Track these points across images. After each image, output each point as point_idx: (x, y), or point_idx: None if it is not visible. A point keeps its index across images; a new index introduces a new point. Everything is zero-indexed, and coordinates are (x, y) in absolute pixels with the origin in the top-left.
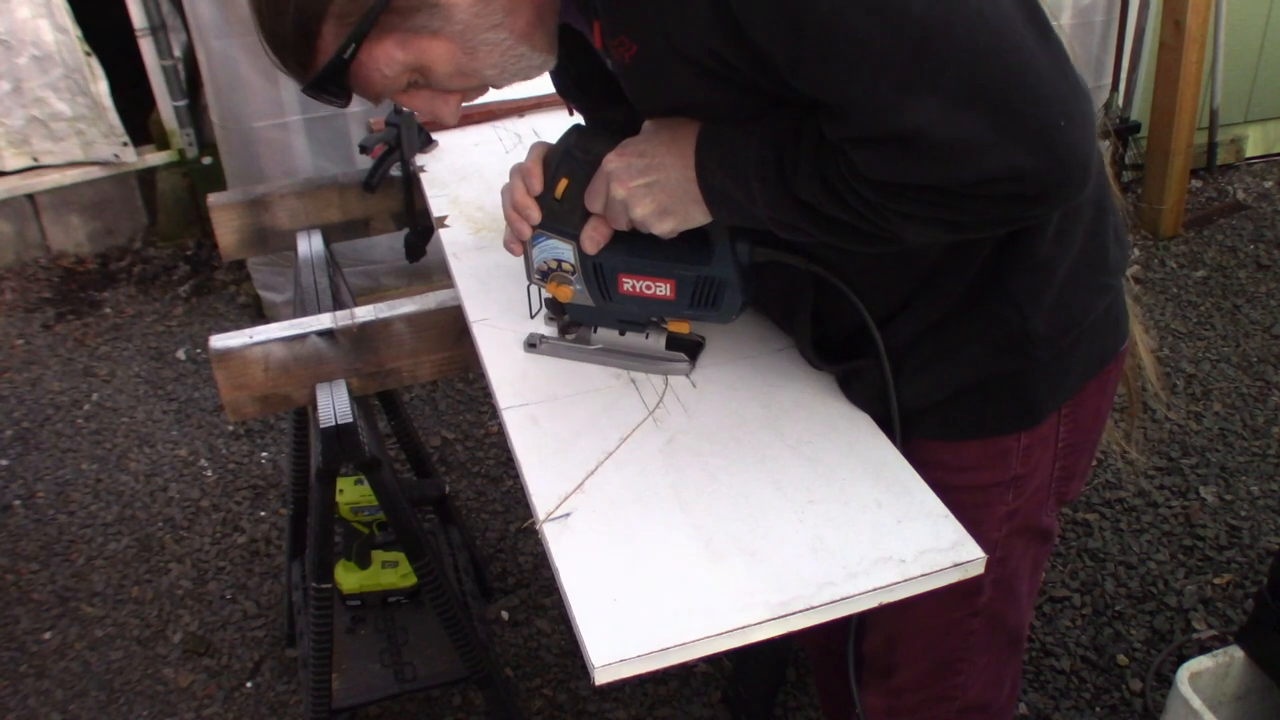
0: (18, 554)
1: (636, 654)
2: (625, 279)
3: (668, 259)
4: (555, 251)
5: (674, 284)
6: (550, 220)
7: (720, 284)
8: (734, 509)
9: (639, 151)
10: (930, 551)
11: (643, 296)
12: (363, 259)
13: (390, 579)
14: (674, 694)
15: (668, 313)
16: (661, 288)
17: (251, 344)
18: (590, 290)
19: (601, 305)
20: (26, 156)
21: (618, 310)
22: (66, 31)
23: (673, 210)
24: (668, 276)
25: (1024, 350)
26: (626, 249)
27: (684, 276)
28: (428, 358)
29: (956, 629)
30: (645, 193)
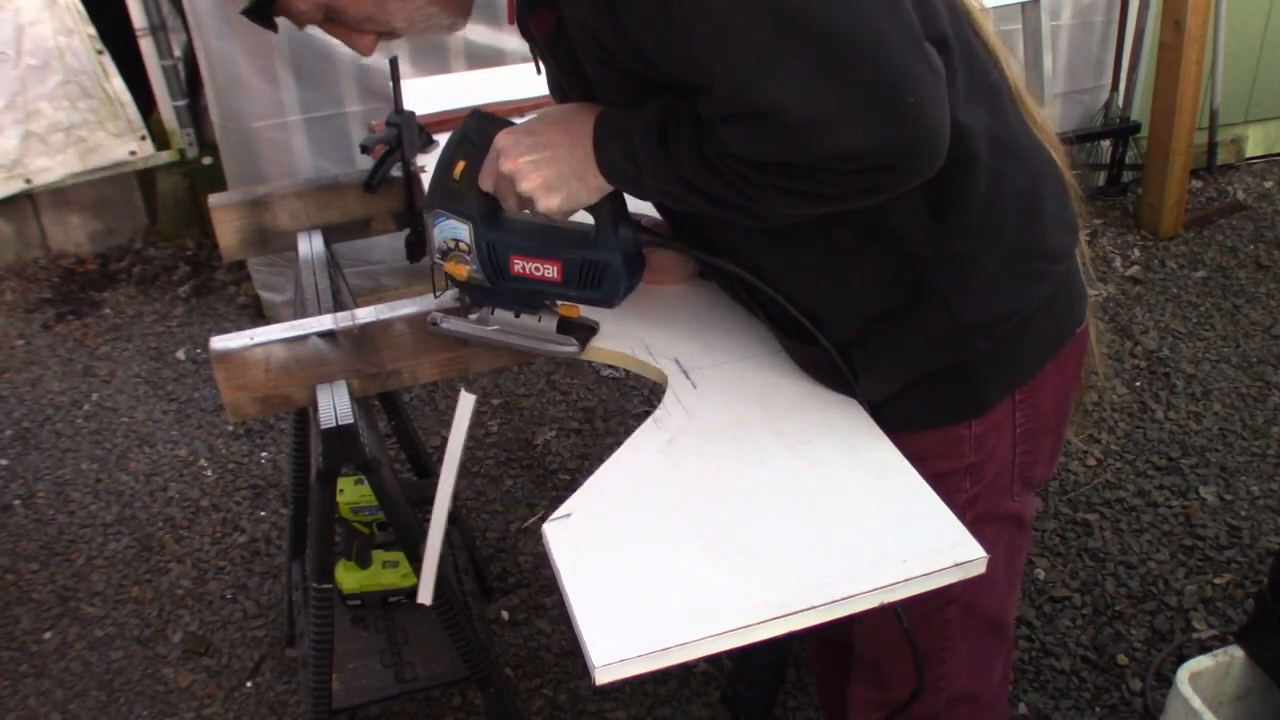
0: (18, 554)
1: (637, 654)
2: (516, 260)
3: (555, 242)
4: (453, 231)
5: (560, 266)
6: (448, 200)
7: (603, 267)
8: (734, 509)
9: (529, 130)
10: (930, 551)
11: (532, 278)
12: (363, 259)
13: (391, 579)
14: (674, 694)
15: (555, 294)
16: (549, 269)
17: (252, 345)
18: (484, 270)
19: (495, 285)
20: (19, 179)
21: (510, 291)
22: (74, 32)
23: (557, 186)
24: (554, 258)
25: (960, 341)
26: (518, 231)
27: (569, 259)
28: (429, 359)
29: (933, 618)
30: (532, 168)
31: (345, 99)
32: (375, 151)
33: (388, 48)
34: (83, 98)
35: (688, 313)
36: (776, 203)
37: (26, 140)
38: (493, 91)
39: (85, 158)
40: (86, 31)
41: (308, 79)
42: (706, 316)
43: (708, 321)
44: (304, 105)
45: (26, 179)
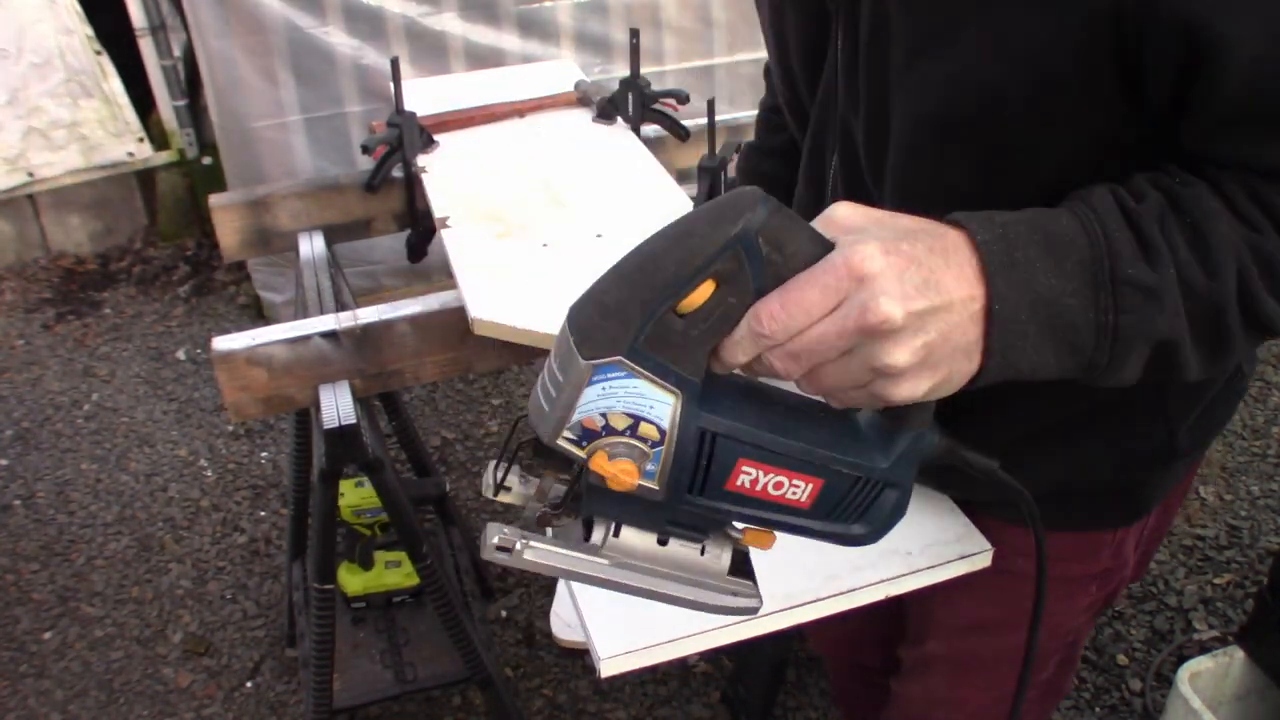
0: (18, 554)
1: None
2: (745, 468)
3: (826, 443)
4: (635, 402)
5: (821, 485)
6: (654, 347)
7: (885, 490)
8: None
9: (909, 255)
10: (936, 544)
11: (757, 497)
12: (363, 259)
13: (394, 579)
14: (674, 694)
15: (778, 526)
16: (798, 488)
17: (254, 345)
18: (673, 476)
19: (667, 503)
20: (22, 173)
21: (686, 513)
22: (73, 32)
23: (938, 363)
24: (817, 473)
25: (1161, 463)
26: (758, 417)
27: (838, 476)
28: (430, 359)
29: (1013, 697)
30: (918, 326)
31: (345, 99)
32: (376, 152)
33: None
34: (84, 96)
35: None
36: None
37: (28, 136)
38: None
39: (87, 154)
40: (85, 32)
41: (308, 79)
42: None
43: None
44: (304, 105)
45: (29, 173)
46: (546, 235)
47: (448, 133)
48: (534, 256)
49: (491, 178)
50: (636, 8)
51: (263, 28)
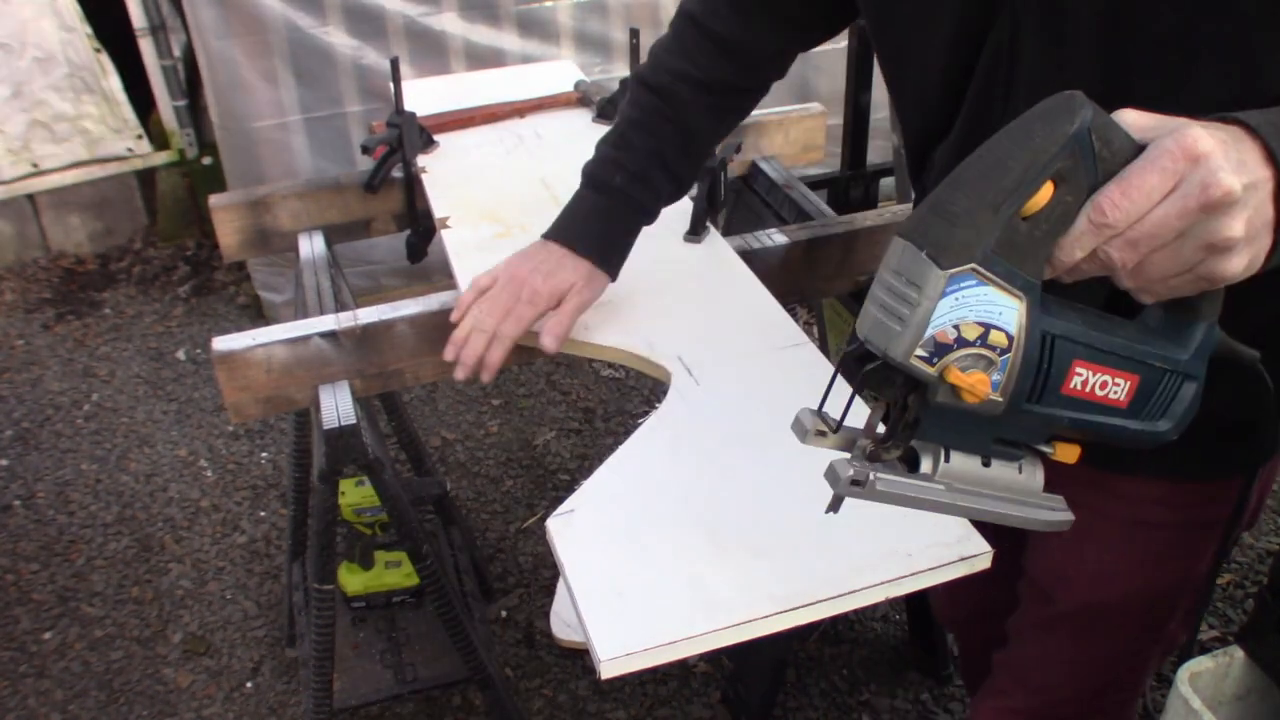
0: (18, 554)
1: (643, 647)
2: (1080, 368)
3: (1137, 339)
4: (986, 309)
5: (1137, 381)
6: (1003, 251)
7: (1184, 383)
8: (738, 504)
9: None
10: (936, 545)
11: (1087, 399)
12: (363, 259)
13: (394, 579)
14: (674, 694)
15: (1098, 426)
16: (1119, 387)
17: (254, 345)
18: (1019, 383)
19: (1006, 415)
20: (26, 163)
21: (1017, 425)
22: (74, 30)
23: (1255, 236)
24: (1135, 369)
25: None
26: (1084, 318)
27: (1151, 370)
28: (430, 359)
29: (1135, 655)
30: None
31: (345, 99)
32: (376, 152)
33: (388, 47)
34: (85, 91)
35: (690, 310)
36: None
37: (32, 128)
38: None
39: (90, 147)
40: (85, 30)
41: (308, 79)
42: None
43: (710, 318)
44: (304, 105)
45: (33, 164)
46: None
47: (448, 133)
48: None
49: (491, 178)
50: (636, 8)
51: (263, 28)
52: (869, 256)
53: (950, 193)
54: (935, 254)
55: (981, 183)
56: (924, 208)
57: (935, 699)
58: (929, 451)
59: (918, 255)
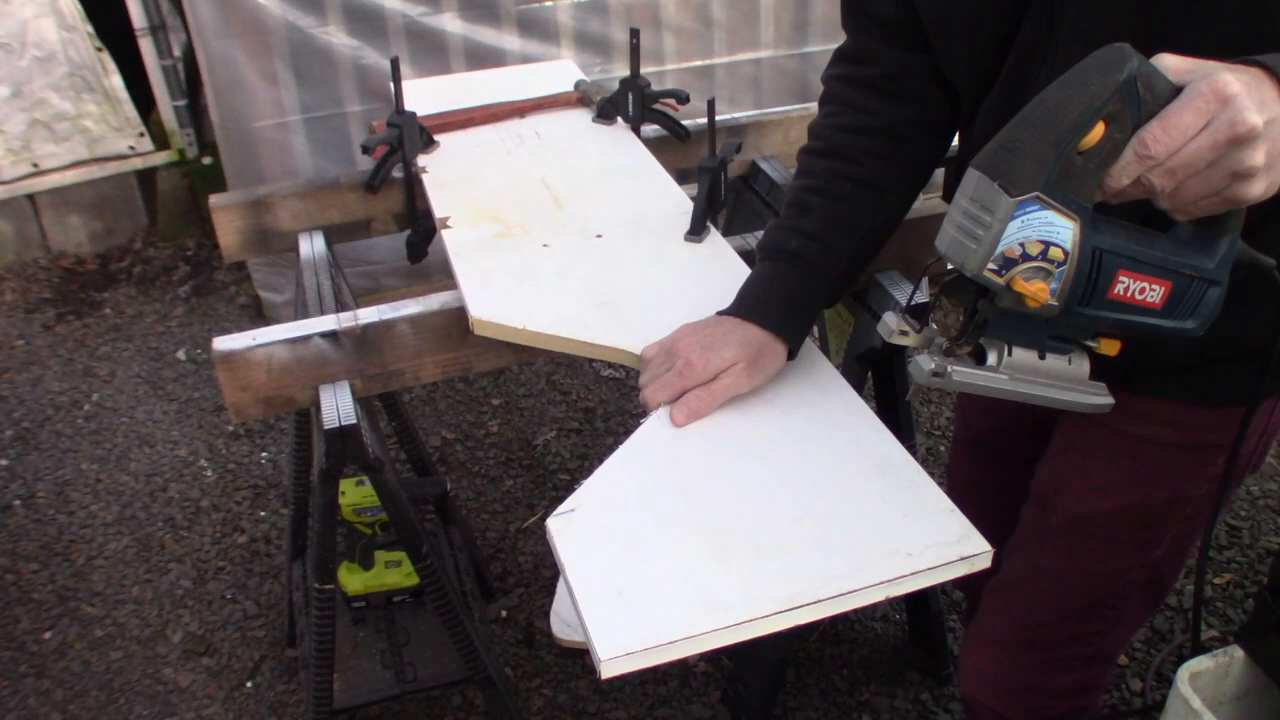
0: (18, 554)
1: (643, 647)
2: (1123, 277)
3: (1171, 251)
4: (1047, 229)
5: (1169, 287)
6: (1061, 181)
7: (1210, 287)
8: (739, 504)
9: (1248, 81)
10: (937, 545)
11: (1128, 302)
12: (363, 259)
13: (394, 579)
14: (674, 694)
15: (1136, 325)
16: (1155, 291)
17: (255, 346)
18: (1072, 290)
19: (1060, 317)
20: (26, 163)
21: (1070, 325)
22: (75, 29)
23: (1274, 164)
24: (1168, 276)
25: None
26: (1126, 235)
27: (1182, 276)
28: (431, 359)
29: (1119, 577)
30: (1267, 134)
31: (345, 99)
32: (376, 152)
33: (388, 47)
34: (86, 90)
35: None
36: None
37: (33, 127)
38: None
39: (90, 147)
40: (86, 29)
41: (308, 79)
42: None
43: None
44: (304, 105)
45: (34, 163)
46: (546, 235)
47: (448, 133)
48: (534, 256)
49: (492, 178)
50: (636, 8)
51: (263, 28)
52: None
53: (1018, 131)
54: (1005, 184)
55: (1044, 123)
56: (995, 143)
57: (935, 699)
58: (994, 347)
59: (990, 185)
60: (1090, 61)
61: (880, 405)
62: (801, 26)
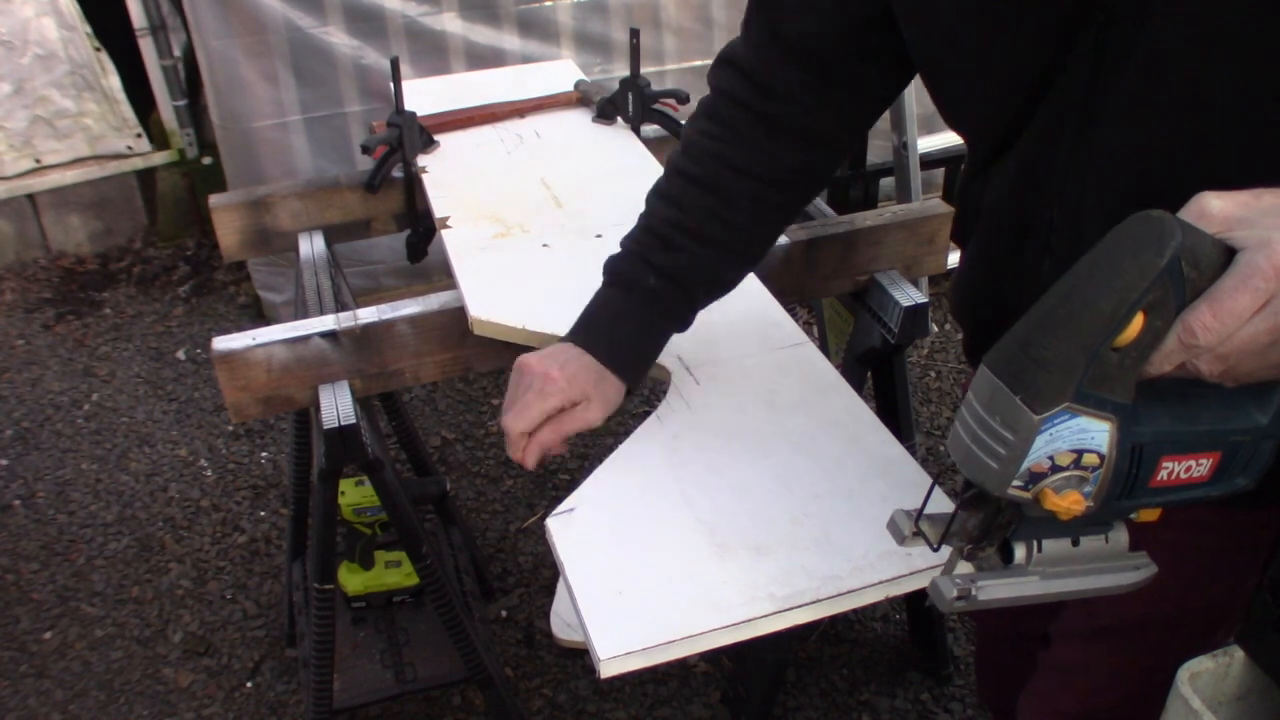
0: (18, 554)
1: (642, 647)
2: (1166, 463)
3: (1219, 418)
4: (1079, 438)
5: (1219, 457)
6: (1094, 384)
7: (1263, 441)
8: (739, 504)
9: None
10: None
11: (1174, 485)
12: (363, 259)
13: (394, 579)
14: (674, 694)
15: (1186, 498)
16: (1202, 466)
17: (254, 345)
18: (1110, 490)
19: (1100, 510)
20: (29, 159)
21: (1110, 513)
22: (74, 28)
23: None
24: (1217, 446)
25: None
26: (1170, 415)
27: (1232, 443)
28: (430, 359)
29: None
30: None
31: (345, 99)
32: (376, 152)
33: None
34: (87, 89)
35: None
36: None
37: (34, 124)
38: (493, 92)
39: (92, 144)
40: (84, 29)
41: (308, 79)
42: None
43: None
44: (304, 105)
45: (36, 159)
46: (546, 235)
47: (448, 133)
48: (534, 256)
49: (491, 178)
50: (636, 8)
51: (263, 28)
52: (869, 256)
53: (1040, 333)
54: (1029, 400)
55: (1072, 324)
56: (1014, 346)
57: (935, 699)
58: (1022, 544)
59: (1011, 399)
60: (1123, 241)
61: (880, 405)
62: None
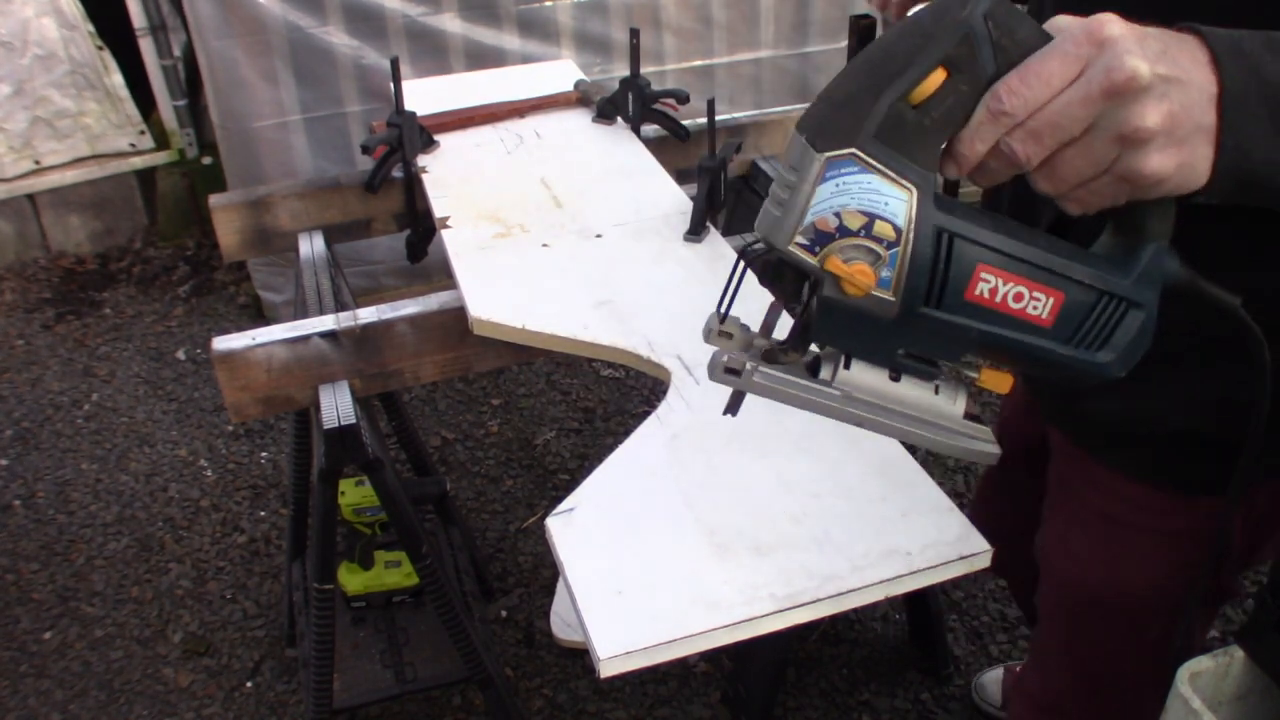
0: (18, 554)
1: (642, 646)
2: (985, 274)
3: (1061, 253)
4: (870, 198)
5: (1062, 299)
6: (886, 136)
7: (1128, 312)
8: (738, 504)
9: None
10: (936, 544)
11: (998, 310)
12: (363, 259)
13: (394, 579)
14: (674, 694)
15: (1020, 346)
16: (1038, 302)
17: (254, 345)
18: (909, 282)
19: (903, 317)
20: (28, 160)
21: (921, 334)
22: (76, 28)
23: (1183, 139)
24: (1058, 285)
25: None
26: (991, 223)
27: (1078, 289)
28: (430, 359)
29: (1121, 659)
30: (1162, 89)
31: (345, 99)
32: (376, 152)
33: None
34: (88, 88)
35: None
36: None
37: (34, 125)
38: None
39: (91, 143)
40: (86, 28)
41: (308, 79)
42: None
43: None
44: (304, 105)
45: (35, 160)
46: (546, 235)
47: (448, 133)
48: (534, 256)
49: (491, 178)
50: (636, 8)
51: (263, 28)
52: None
53: (838, 80)
54: (813, 138)
55: (867, 69)
56: (817, 98)
57: (935, 699)
58: (831, 360)
59: (800, 141)
60: (940, 2)
61: None
62: (801, 26)
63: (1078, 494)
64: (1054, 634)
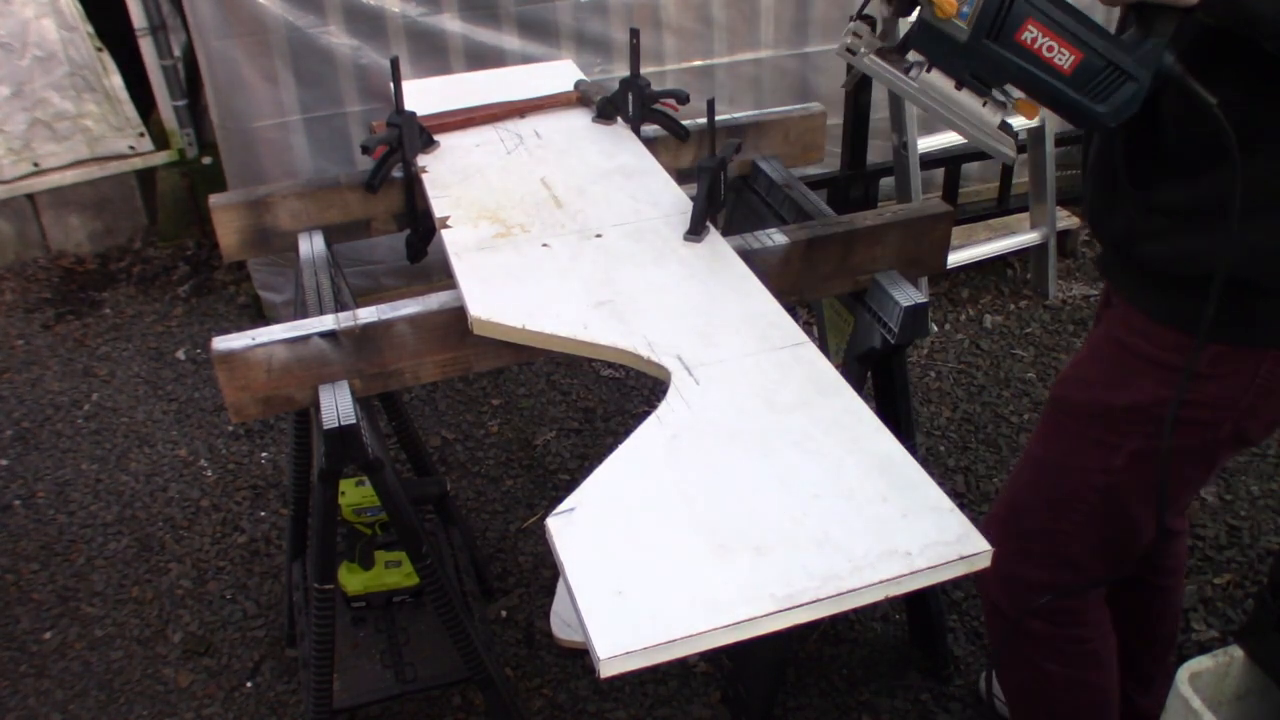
0: (18, 554)
1: (642, 647)
2: (1030, 26)
3: (1087, 26)
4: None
5: (1080, 59)
6: None
7: (1126, 80)
8: (738, 504)
9: None
10: (936, 544)
11: (1035, 54)
12: (363, 259)
13: (394, 579)
14: (674, 694)
15: (1044, 85)
16: (1065, 56)
17: (254, 345)
18: (980, 17)
19: (973, 42)
20: (27, 162)
21: (981, 59)
22: (75, 29)
23: None
24: (1080, 47)
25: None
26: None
27: (1096, 55)
28: (430, 358)
29: (1081, 475)
30: None
31: (345, 99)
32: (376, 152)
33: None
34: (87, 90)
35: (690, 310)
36: None
37: (33, 126)
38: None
39: (91, 145)
40: (86, 29)
41: (308, 79)
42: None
43: (710, 318)
44: (304, 105)
45: (34, 162)
46: (546, 235)
47: (448, 133)
48: (534, 256)
49: (491, 178)
50: (636, 8)
51: (263, 28)
52: (869, 256)
53: None
54: None
55: None
56: None
57: (935, 699)
58: (916, 63)
59: None
60: None
61: (880, 405)
62: (801, 26)
63: (1107, 332)
64: (1029, 450)
